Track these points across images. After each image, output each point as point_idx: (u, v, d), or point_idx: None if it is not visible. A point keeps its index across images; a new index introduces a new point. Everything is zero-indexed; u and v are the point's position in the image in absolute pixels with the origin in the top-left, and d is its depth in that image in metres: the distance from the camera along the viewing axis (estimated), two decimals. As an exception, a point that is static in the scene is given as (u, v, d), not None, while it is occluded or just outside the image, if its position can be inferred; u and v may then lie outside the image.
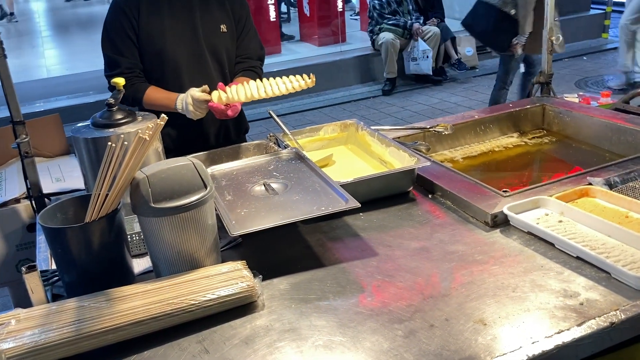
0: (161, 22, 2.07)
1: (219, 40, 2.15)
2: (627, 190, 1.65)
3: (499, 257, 1.41)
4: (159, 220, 1.29)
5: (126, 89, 1.98)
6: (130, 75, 2.04)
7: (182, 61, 2.10)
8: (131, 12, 2.04)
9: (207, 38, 2.12)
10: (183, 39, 2.09)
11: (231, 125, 2.26)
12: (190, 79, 2.10)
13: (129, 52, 2.05)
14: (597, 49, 8.28)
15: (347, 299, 1.28)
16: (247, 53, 2.23)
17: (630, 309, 1.15)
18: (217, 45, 2.14)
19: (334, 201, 1.50)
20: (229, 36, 2.17)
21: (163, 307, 1.20)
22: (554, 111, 2.44)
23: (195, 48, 2.11)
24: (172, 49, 2.08)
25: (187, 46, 2.10)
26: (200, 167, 1.36)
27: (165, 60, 2.09)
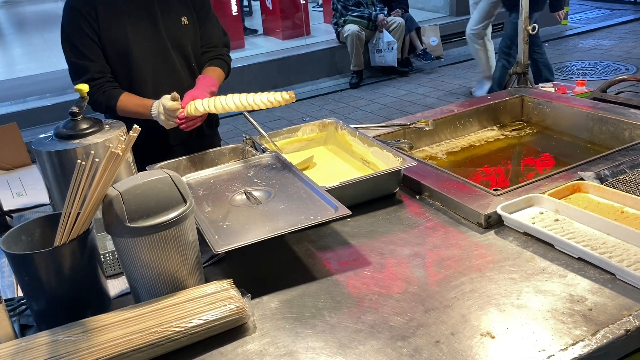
0: (121, 21, 1.98)
1: (181, 33, 2.08)
2: (618, 184, 1.61)
3: (497, 261, 1.35)
4: (135, 240, 1.18)
5: (98, 95, 1.92)
6: (102, 81, 1.96)
7: (147, 58, 2.03)
8: (89, 13, 1.94)
9: (169, 32, 2.05)
10: (145, 36, 2.01)
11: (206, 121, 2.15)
12: (156, 75, 2.04)
13: (95, 55, 1.96)
14: (558, 35, 8.39)
15: (344, 315, 1.20)
16: (212, 41, 2.19)
17: (643, 314, 1.10)
18: (180, 39, 2.08)
19: (322, 209, 1.41)
20: (191, 28, 2.11)
21: (146, 336, 1.10)
22: (533, 102, 2.40)
23: (159, 44, 2.04)
24: (136, 48, 2.00)
25: (151, 43, 2.03)
26: (178, 180, 1.25)
27: (130, 60, 2.01)
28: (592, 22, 9.17)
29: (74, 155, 1.46)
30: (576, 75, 6.43)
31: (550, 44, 7.88)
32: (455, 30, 8.25)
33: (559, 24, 8.74)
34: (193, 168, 1.91)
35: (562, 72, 6.65)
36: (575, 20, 9.32)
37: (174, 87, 2.03)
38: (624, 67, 6.54)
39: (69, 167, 1.47)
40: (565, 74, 6.57)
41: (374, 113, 5.86)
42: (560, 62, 7.04)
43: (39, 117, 5.94)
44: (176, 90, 1.89)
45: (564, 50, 7.62)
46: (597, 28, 8.67)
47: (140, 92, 2.03)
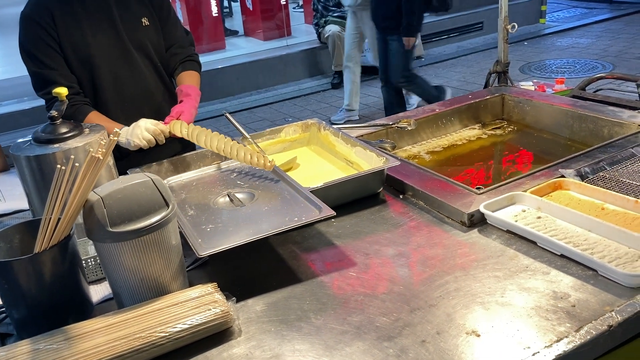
0: (79, 27, 1.93)
1: (142, 34, 2.05)
2: (598, 181, 1.63)
3: (481, 259, 1.35)
4: (118, 245, 1.16)
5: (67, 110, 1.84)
6: (70, 93, 1.87)
7: (110, 62, 1.99)
8: (45, 22, 1.89)
9: (129, 34, 2.01)
10: (106, 40, 1.97)
11: None
12: (120, 79, 2.00)
13: (58, 64, 1.91)
14: (536, 34, 8.49)
15: (330, 317, 1.20)
16: (177, 41, 2.16)
17: (625, 309, 1.11)
18: (141, 40, 2.05)
19: (306, 210, 1.41)
20: (152, 29, 2.08)
21: (130, 342, 1.09)
22: (514, 101, 2.42)
23: (120, 46, 2.00)
24: (97, 53, 1.96)
25: (112, 46, 1.99)
26: (159, 184, 1.24)
27: (94, 66, 1.97)
28: (569, 20, 9.29)
29: (54, 159, 1.44)
30: (555, 73, 6.51)
31: (528, 43, 7.98)
32: (435, 29, 8.31)
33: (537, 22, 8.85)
34: (175, 171, 1.89)
35: (540, 70, 6.72)
36: (552, 18, 9.44)
37: (139, 89, 2.03)
38: (601, 64, 6.64)
39: (49, 172, 1.44)
40: (544, 72, 6.64)
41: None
42: (538, 60, 7.12)
43: (16, 121, 5.86)
44: (143, 92, 1.91)
45: (542, 49, 7.71)
46: (574, 27, 8.80)
47: (104, 97, 1.99)
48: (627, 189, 1.56)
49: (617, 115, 2.06)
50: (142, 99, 2.07)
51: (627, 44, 7.43)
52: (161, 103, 2.12)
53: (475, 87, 6.19)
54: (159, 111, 2.02)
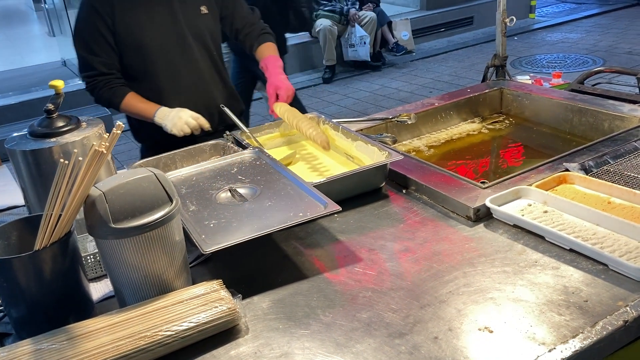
0: (138, 13, 1.98)
1: (200, 22, 2.08)
2: (602, 175, 1.61)
3: (489, 254, 1.33)
4: (120, 242, 1.13)
5: (104, 91, 1.98)
6: (110, 77, 1.98)
7: (167, 51, 2.03)
8: (104, 9, 1.94)
9: (188, 22, 2.05)
10: (164, 27, 2.01)
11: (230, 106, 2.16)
12: (173, 65, 2.04)
13: (103, 51, 1.97)
14: (526, 29, 8.51)
15: (339, 313, 1.18)
16: (247, 21, 2.20)
17: (639, 304, 1.10)
18: (199, 28, 2.08)
19: (311, 206, 1.38)
20: (210, 17, 2.11)
21: (135, 342, 1.06)
22: (512, 94, 2.41)
23: (178, 34, 2.04)
24: (153, 40, 2.00)
25: (169, 34, 2.03)
26: (162, 178, 1.21)
27: (149, 52, 2.01)
28: (559, 15, 9.33)
29: (51, 154, 1.40)
30: (545, 68, 6.53)
31: (518, 37, 7.99)
32: (426, 24, 8.30)
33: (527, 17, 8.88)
34: (173, 166, 1.86)
35: (531, 65, 6.74)
36: (542, 13, 9.47)
37: (193, 77, 2.07)
38: (592, 59, 6.67)
39: (46, 166, 1.41)
40: (535, 66, 6.66)
41: (348, 108, 5.84)
42: (529, 55, 7.13)
43: (3, 115, 5.77)
44: (197, 81, 2.00)
45: (532, 44, 7.72)
46: (563, 22, 8.83)
47: (157, 84, 2.04)
48: (632, 182, 1.55)
49: (618, 109, 2.05)
50: (196, 88, 2.10)
51: (616, 38, 7.47)
52: (214, 92, 2.16)
53: (466, 82, 6.19)
54: (211, 100, 2.06)
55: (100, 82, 1.99)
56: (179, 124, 1.91)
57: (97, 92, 2.00)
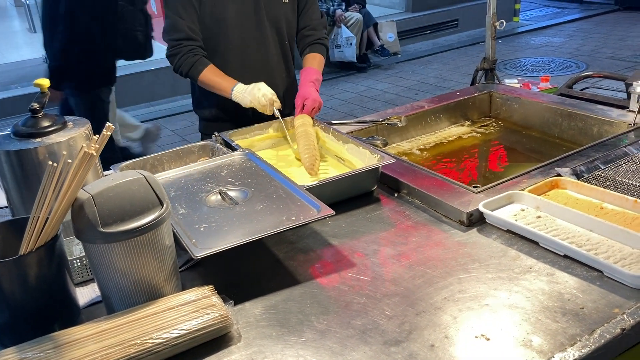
0: None
1: (279, 9, 2.12)
2: (593, 180, 1.61)
3: (483, 259, 1.32)
4: (109, 246, 1.10)
5: (188, 57, 2.01)
6: (194, 44, 2.02)
7: (243, 28, 2.08)
8: None
9: (267, 6, 2.09)
10: (245, 7, 2.06)
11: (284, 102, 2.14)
12: (249, 46, 2.08)
13: (190, 17, 2.01)
14: (510, 32, 8.57)
15: (333, 320, 1.15)
16: (311, 23, 2.22)
17: (636, 312, 1.09)
18: (277, 15, 2.12)
19: (304, 209, 1.36)
20: (290, 7, 2.16)
21: (124, 350, 1.03)
22: (502, 98, 2.41)
23: (256, 16, 2.08)
24: (233, 16, 2.04)
25: (248, 13, 2.07)
26: (153, 181, 1.17)
27: (226, 27, 2.05)
28: (542, 19, 9.41)
29: (35, 155, 1.36)
30: (530, 71, 6.58)
31: (503, 41, 8.04)
32: (411, 26, 8.32)
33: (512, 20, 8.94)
34: (160, 167, 1.83)
35: (516, 68, 6.78)
36: (525, 17, 9.55)
37: (261, 59, 2.12)
38: (575, 63, 6.73)
39: (30, 167, 1.37)
40: (519, 70, 6.70)
41: (334, 109, 5.83)
42: (513, 58, 7.19)
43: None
44: (264, 63, 2.07)
45: (516, 47, 7.78)
46: (547, 25, 8.91)
47: (227, 58, 2.08)
48: (623, 188, 1.55)
49: (607, 114, 2.06)
50: (262, 69, 2.14)
51: (598, 43, 7.55)
52: (277, 78, 2.20)
53: (451, 84, 6.21)
54: (274, 85, 2.06)
55: (185, 47, 2.00)
56: (257, 95, 1.92)
57: (180, 57, 2.01)
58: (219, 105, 2.17)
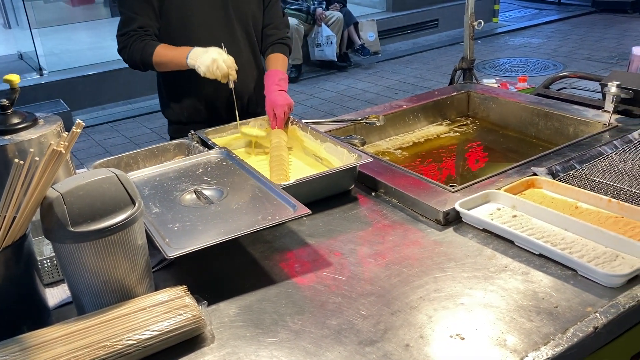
0: None
1: (247, 6, 2.10)
2: (569, 179, 1.63)
3: (459, 258, 1.32)
4: (79, 246, 1.07)
5: (136, 44, 1.96)
6: (142, 33, 1.96)
7: (212, 27, 2.04)
8: None
9: (235, 4, 2.06)
10: (211, 5, 2.03)
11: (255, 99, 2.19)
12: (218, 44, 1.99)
13: (146, 15, 1.97)
14: (489, 32, 8.65)
15: (308, 320, 1.14)
16: (273, 21, 2.20)
17: (609, 310, 1.10)
18: (245, 12, 2.09)
19: (280, 209, 1.35)
20: (255, 4, 2.13)
21: (94, 352, 1.00)
22: (479, 98, 2.42)
23: (224, 13, 2.05)
24: (199, 15, 2.00)
25: (216, 11, 2.03)
26: (125, 179, 1.15)
27: (193, 27, 2.02)
28: (521, 20, 9.51)
29: (5, 152, 1.33)
30: (509, 71, 6.64)
31: (482, 41, 8.11)
32: (392, 25, 8.34)
33: (491, 21, 9.01)
34: (135, 165, 1.80)
35: (494, 68, 6.84)
36: (505, 18, 9.64)
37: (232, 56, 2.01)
38: (553, 64, 6.81)
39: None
40: (498, 70, 6.76)
41: (314, 108, 5.82)
42: (492, 58, 7.25)
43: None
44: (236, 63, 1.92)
45: (495, 48, 7.85)
46: (525, 26, 9.00)
47: None
48: (598, 187, 1.56)
49: (583, 114, 2.08)
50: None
51: (575, 44, 7.65)
52: (249, 75, 2.16)
53: (432, 84, 6.24)
54: (244, 85, 2.04)
55: (132, 36, 1.96)
56: (212, 67, 1.86)
57: (130, 47, 1.96)
58: (189, 106, 2.13)
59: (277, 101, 1.94)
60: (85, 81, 6.33)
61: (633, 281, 1.18)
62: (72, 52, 7.54)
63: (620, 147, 1.79)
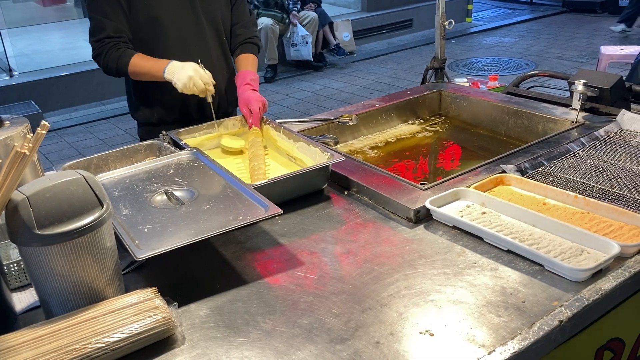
0: None
1: (215, 5, 2.09)
2: (537, 176, 1.65)
3: (429, 255, 1.34)
4: (46, 249, 1.06)
5: (112, 52, 1.93)
6: (117, 40, 1.93)
7: (181, 28, 2.01)
8: None
9: (204, 3, 2.04)
10: (180, 4, 2.00)
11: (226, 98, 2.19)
12: (185, 44, 2.01)
13: (117, 17, 1.94)
14: (463, 32, 8.74)
15: (279, 320, 1.15)
16: (241, 20, 2.19)
17: (574, 304, 1.12)
18: (213, 11, 2.08)
19: (251, 209, 1.34)
20: (224, 2, 2.12)
21: (62, 356, 0.99)
22: (451, 97, 2.44)
23: (193, 13, 2.02)
24: (168, 15, 1.98)
25: (184, 11, 2.01)
26: (92, 181, 1.14)
27: (162, 27, 1.99)
28: (494, 20, 9.63)
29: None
30: (482, 71, 6.72)
31: (456, 41, 8.19)
32: (366, 25, 8.38)
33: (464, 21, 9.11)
34: (105, 167, 1.78)
35: (468, 67, 6.91)
36: (478, 18, 9.75)
37: (202, 56, 2.03)
38: (525, 63, 6.91)
39: (-37, 168, 1.31)
40: (472, 69, 6.83)
41: (290, 107, 5.82)
42: (466, 58, 7.32)
43: None
44: (205, 63, 1.94)
45: (469, 47, 7.93)
46: (498, 26, 9.11)
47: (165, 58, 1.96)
48: (565, 183, 1.59)
49: (551, 112, 2.11)
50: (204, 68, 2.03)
51: (547, 44, 7.77)
52: (219, 75, 2.13)
53: (406, 83, 6.29)
54: (217, 85, 2.01)
55: (107, 44, 1.93)
56: (188, 85, 1.86)
57: (105, 54, 1.93)
58: (160, 108, 2.11)
59: (251, 98, 1.95)
60: (57, 82, 6.23)
61: (597, 275, 1.21)
62: (43, 52, 7.43)
63: (587, 144, 1.83)
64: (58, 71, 6.37)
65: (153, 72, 1.92)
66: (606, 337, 1.34)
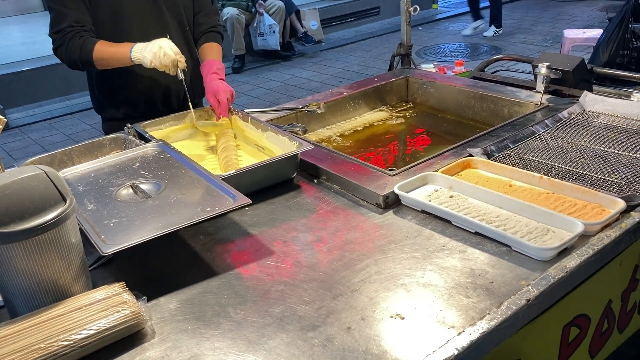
0: None
1: None
2: (503, 159, 1.68)
3: (398, 240, 1.35)
4: (7, 247, 1.03)
5: (74, 40, 1.85)
6: (79, 29, 1.87)
7: (142, 19, 1.98)
8: None
9: None
10: None
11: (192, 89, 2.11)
12: (147, 36, 1.91)
13: (78, 8, 1.89)
14: (430, 19, 8.77)
15: (250, 310, 1.14)
16: (203, 9, 2.16)
17: (540, 283, 1.14)
18: (176, 2, 2.05)
19: (219, 200, 1.33)
20: None
21: (27, 355, 0.97)
22: (418, 83, 2.45)
23: (154, 5, 1.99)
24: (129, 7, 1.94)
25: (145, 3, 1.98)
26: (54, 176, 1.12)
27: (124, 19, 1.95)
28: (460, 6, 9.66)
29: None
30: (449, 57, 6.76)
31: (423, 27, 8.22)
32: (334, 14, 8.35)
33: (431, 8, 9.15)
34: (69, 162, 1.75)
35: (435, 54, 6.95)
36: (444, 4, 9.79)
37: None
38: (491, 48, 6.97)
39: None
40: (439, 55, 6.87)
41: (259, 98, 5.78)
42: (433, 44, 7.36)
43: None
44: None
45: (436, 33, 7.97)
46: (464, 12, 9.15)
47: None
48: (530, 165, 1.61)
49: (516, 95, 2.14)
50: None
51: (511, 29, 7.85)
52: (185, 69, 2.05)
53: (375, 71, 6.29)
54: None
55: (69, 33, 1.85)
56: (158, 54, 1.79)
57: (67, 44, 1.85)
58: (124, 102, 2.07)
59: (219, 88, 1.92)
60: (18, 77, 6.07)
61: (563, 254, 1.23)
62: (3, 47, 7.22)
63: (551, 125, 1.85)
64: (19, 66, 6.21)
65: (119, 56, 1.85)
66: (572, 313, 1.37)
